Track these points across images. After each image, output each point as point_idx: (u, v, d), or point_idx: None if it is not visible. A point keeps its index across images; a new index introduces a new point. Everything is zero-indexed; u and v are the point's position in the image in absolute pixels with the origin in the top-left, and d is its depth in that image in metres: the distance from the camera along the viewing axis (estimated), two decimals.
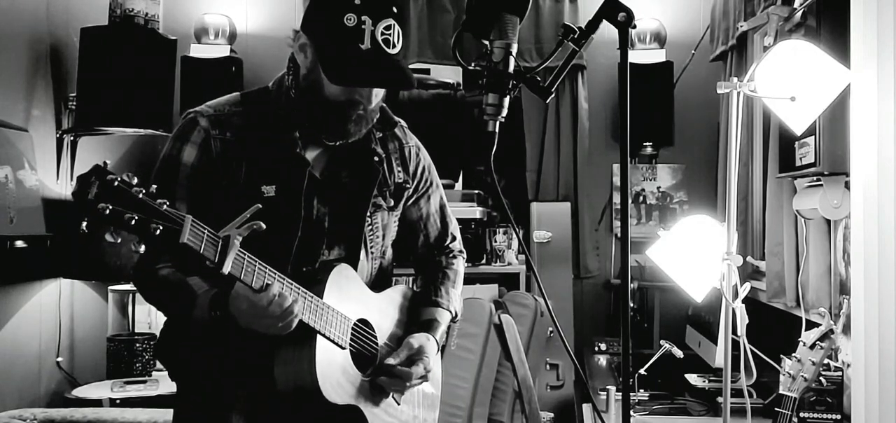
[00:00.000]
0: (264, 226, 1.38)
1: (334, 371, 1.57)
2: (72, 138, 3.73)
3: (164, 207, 1.28)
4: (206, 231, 1.32)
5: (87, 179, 1.23)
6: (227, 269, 1.34)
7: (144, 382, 3.51)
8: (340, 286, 1.61)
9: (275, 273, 1.45)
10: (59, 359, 3.67)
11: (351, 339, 1.63)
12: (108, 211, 1.22)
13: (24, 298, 3.46)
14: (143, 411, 2.92)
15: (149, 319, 3.80)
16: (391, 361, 1.67)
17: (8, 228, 3.18)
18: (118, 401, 3.33)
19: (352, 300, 1.64)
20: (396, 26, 1.56)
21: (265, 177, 1.60)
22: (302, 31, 1.61)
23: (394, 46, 1.55)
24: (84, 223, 1.23)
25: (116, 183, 1.24)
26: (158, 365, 3.62)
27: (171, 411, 1.76)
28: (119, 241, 1.25)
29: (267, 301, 1.42)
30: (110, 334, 3.77)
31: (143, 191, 1.26)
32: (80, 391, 3.45)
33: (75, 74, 3.57)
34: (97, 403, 3.30)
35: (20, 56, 3.46)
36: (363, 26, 1.52)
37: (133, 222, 1.23)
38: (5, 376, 3.32)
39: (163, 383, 3.47)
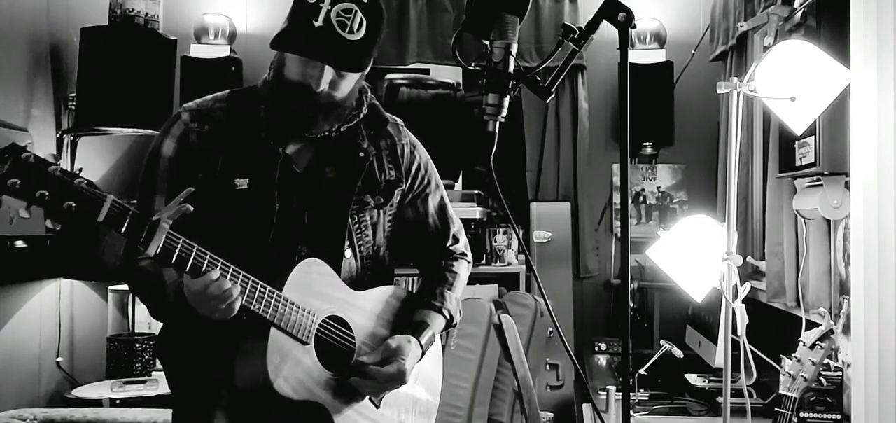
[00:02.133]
0: (192, 208, 1.38)
1: (290, 366, 1.53)
2: (72, 138, 3.73)
3: (82, 185, 1.29)
4: (130, 211, 1.33)
5: (1, 156, 1.25)
6: (152, 250, 1.35)
7: (144, 382, 3.51)
8: (309, 281, 1.57)
9: (217, 260, 1.43)
10: (59, 359, 3.67)
11: (320, 335, 1.59)
12: (17, 186, 1.24)
13: (24, 298, 3.46)
14: (143, 411, 2.92)
15: (149, 319, 3.79)
16: (363, 359, 1.64)
17: (8, 228, 3.18)
18: (118, 401, 3.33)
19: (323, 297, 1.60)
20: (359, 14, 1.55)
21: (240, 170, 1.60)
22: (286, 19, 1.63)
23: (352, 32, 1.54)
24: None
25: (31, 160, 1.26)
26: (158, 365, 3.62)
27: (171, 411, 1.76)
28: (30, 217, 1.28)
29: (203, 286, 1.41)
30: (110, 334, 3.77)
31: (61, 169, 1.28)
32: (80, 391, 3.45)
33: (75, 74, 3.57)
34: (97, 403, 3.30)
35: (20, 56, 3.46)
36: (321, 4, 1.53)
37: (45, 198, 1.25)
38: (5, 376, 3.32)
39: (162, 383, 3.46)
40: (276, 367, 1.50)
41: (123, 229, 1.32)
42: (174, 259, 1.39)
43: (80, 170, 1.28)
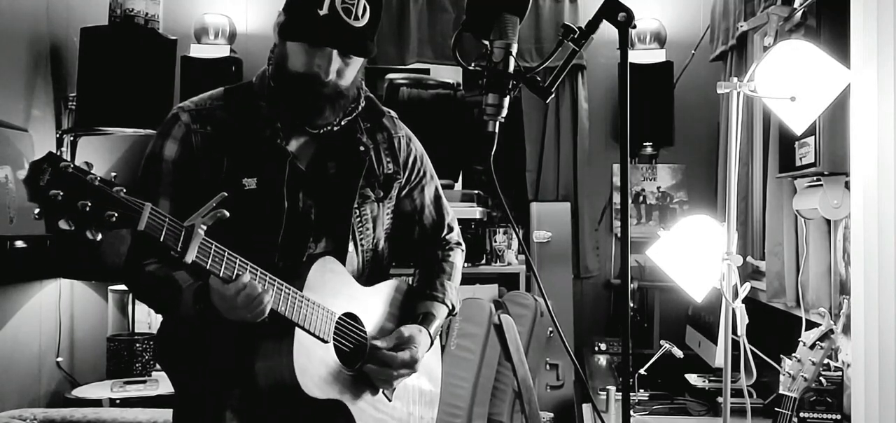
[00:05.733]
0: (228, 214, 1.36)
1: (315, 366, 1.55)
2: (72, 138, 3.73)
3: (122, 193, 1.26)
4: (167, 219, 1.31)
5: (40, 166, 1.21)
6: (189, 258, 1.33)
7: (144, 382, 3.51)
8: (325, 280, 1.59)
9: (246, 264, 1.42)
10: (59, 359, 3.67)
11: (336, 333, 1.61)
12: (59, 198, 1.20)
13: (24, 298, 3.46)
14: (143, 411, 2.92)
15: (149, 319, 3.80)
16: (379, 344, 1.65)
17: (8, 228, 3.18)
18: (118, 401, 3.33)
19: (337, 295, 1.62)
20: (363, 0, 1.56)
21: (247, 170, 1.59)
22: (282, 11, 1.63)
23: (357, 18, 1.55)
24: (37, 210, 1.22)
25: (70, 170, 1.22)
26: (158, 365, 3.62)
27: (171, 410, 1.76)
28: (74, 228, 1.23)
29: (235, 291, 1.41)
30: (110, 334, 3.77)
31: (99, 178, 1.25)
32: (80, 391, 3.45)
33: (75, 74, 3.57)
34: (97, 403, 3.30)
35: (20, 56, 3.46)
36: None
37: (87, 209, 1.22)
38: (5, 376, 3.32)
39: (163, 383, 3.47)
40: (303, 368, 1.51)
41: (162, 238, 1.30)
42: (209, 265, 1.37)
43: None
